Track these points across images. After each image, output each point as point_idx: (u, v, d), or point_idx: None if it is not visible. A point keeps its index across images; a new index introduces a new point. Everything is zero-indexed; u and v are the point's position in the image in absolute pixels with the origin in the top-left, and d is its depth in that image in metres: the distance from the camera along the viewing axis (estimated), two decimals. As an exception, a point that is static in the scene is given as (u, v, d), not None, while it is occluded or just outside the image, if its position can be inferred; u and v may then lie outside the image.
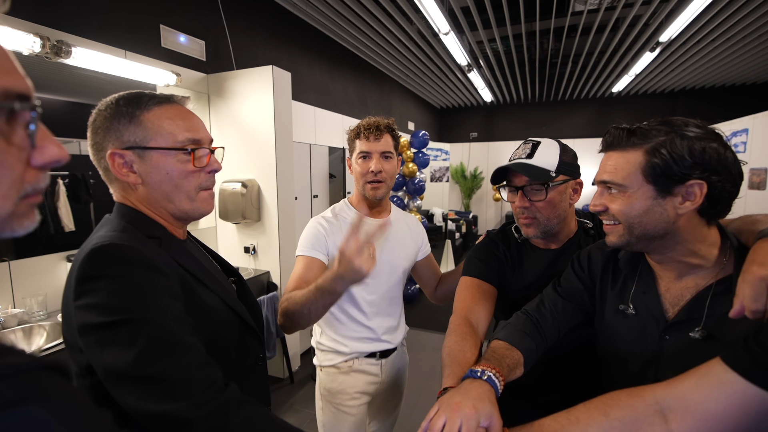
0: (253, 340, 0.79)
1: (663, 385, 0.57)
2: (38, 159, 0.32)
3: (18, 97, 0.30)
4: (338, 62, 4.64)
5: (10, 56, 0.31)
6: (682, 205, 0.65)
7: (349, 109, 4.89)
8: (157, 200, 0.69)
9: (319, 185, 3.56)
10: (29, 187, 0.32)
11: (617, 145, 0.70)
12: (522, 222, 0.99)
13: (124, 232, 0.63)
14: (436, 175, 7.92)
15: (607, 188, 0.71)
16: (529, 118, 8.50)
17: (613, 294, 0.82)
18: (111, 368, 0.54)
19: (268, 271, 2.74)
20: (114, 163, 0.66)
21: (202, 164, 0.70)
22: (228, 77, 2.64)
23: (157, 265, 0.60)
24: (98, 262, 0.57)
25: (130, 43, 2.22)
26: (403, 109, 6.99)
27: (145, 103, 0.67)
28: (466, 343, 0.83)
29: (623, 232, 0.70)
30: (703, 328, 0.66)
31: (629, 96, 7.73)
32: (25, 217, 0.33)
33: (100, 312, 0.54)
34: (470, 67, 5.07)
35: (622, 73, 6.03)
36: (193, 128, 0.69)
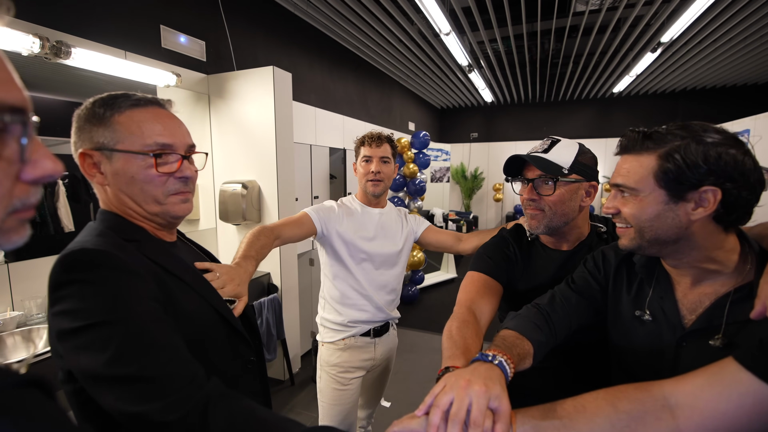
0: (240, 343, 0.78)
1: (673, 381, 0.57)
2: (30, 173, 0.31)
3: (11, 109, 0.29)
4: (339, 63, 4.63)
5: (7, 65, 0.30)
6: (695, 211, 0.64)
7: (350, 109, 4.88)
8: (126, 202, 0.69)
9: (320, 186, 3.55)
10: (18, 202, 0.31)
11: (632, 149, 0.70)
12: (527, 212, 1.00)
13: (100, 236, 0.63)
14: (437, 176, 7.91)
15: (620, 191, 0.71)
16: (530, 118, 8.49)
17: (629, 298, 0.80)
18: (88, 371, 0.54)
19: (268, 272, 2.72)
20: (83, 163, 0.67)
21: (170, 170, 0.68)
22: (228, 78, 2.63)
23: (130, 268, 0.59)
24: (68, 267, 0.57)
25: (130, 44, 2.20)
26: (403, 109, 6.98)
27: (118, 105, 0.67)
28: (467, 330, 0.82)
29: (634, 236, 0.70)
30: (723, 336, 0.65)
31: (630, 96, 7.71)
32: (13, 232, 0.32)
33: (74, 317, 0.54)
34: (471, 67, 5.06)
35: (623, 74, 6.02)
36: (165, 132, 0.68)
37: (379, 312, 1.49)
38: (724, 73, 6.05)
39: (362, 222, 1.47)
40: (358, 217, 1.48)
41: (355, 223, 1.46)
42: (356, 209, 1.50)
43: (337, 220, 1.42)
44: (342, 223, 1.43)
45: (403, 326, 3.81)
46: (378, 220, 1.50)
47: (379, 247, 1.47)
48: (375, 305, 1.48)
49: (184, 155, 0.70)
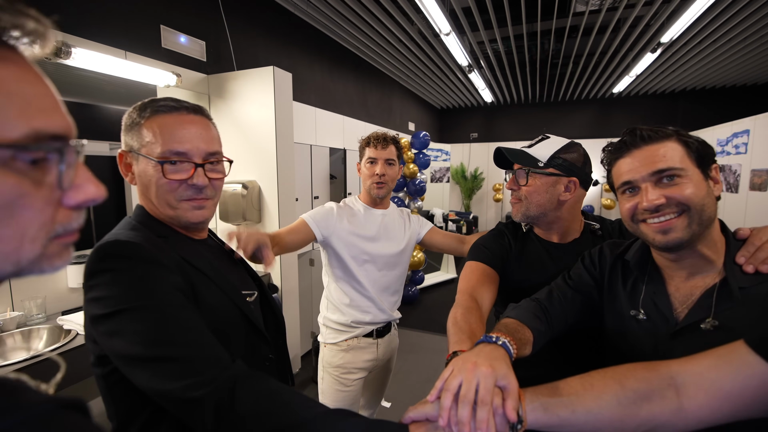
0: (260, 341, 0.81)
1: (680, 361, 0.58)
2: (72, 199, 0.31)
3: (52, 137, 0.29)
4: (339, 63, 4.63)
5: (52, 93, 0.30)
6: (715, 187, 0.69)
7: (350, 109, 4.87)
8: (147, 203, 0.74)
9: (320, 186, 3.55)
10: (60, 228, 0.31)
11: (654, 138, 0.70)
12: (511, 201, 1.08)
13: (133, 230, 0.68)
14: (437, 176, 7.90)
15: (660, 180, 0.68)
16: (530, 118, 8.49)
17: (625, 294, 0.82)
18: (122, 354, 0.58)
19: (268, 273, 2.72)
20: (120, 162, 0.74)
21: (181, 177, 0.71)
22: (229, 78, 2.63)
23: (160, 260, 0.64)
24: (102, 257, 0.61)
25: (131, 44, 2.20)
26: (403, 109, 6.98)
27: (147, 111, 0.71)
28: (471, 316, 0.84)
29: (689, 222, 0.67)
30: (713, 319, 0.67)
31: (630, 97, 7.72)
32: (56, 257, 0.32)
33: (106, 304, 0.58)
34: (471, 67, 5.06)
35: (623, 74, 6.03)
36: (181, 140, 0.70)
37: (382, 313, 1.49)
38: (723, 74, 6.05)
39: (364, 223, 1.46)
40: (361, 218, 1.46)
41: (357, 224, 1.45)
42: (359, 210, 1.49)
43: (337, 221, 1.41)
44: (342, 224, 1.41)
45: (403, 326, 3.81)
46: (381, 221, 1.49)
47: (382, 248, 1.46)
48: (378, 307, 1.47)
49: (199, 163, 0.72)
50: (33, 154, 0.28)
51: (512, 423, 0.56)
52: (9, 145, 0.27)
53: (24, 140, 0.28)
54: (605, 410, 0.57)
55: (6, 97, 0.27)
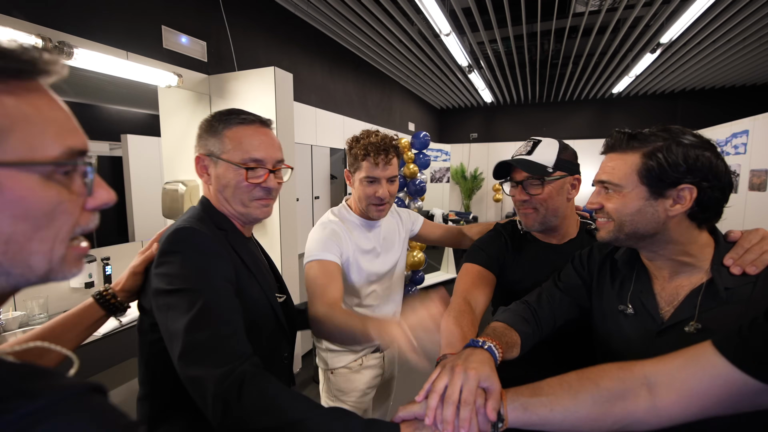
0: (283, 339, 0.90)
1: (653, 361, 0.61)
2: (92, 203, 0.38)
3: (80, 153, 0.36)
4: (339, 63, 4.64)
5: (71, 116, 0.37)
6: (673, 208, 0.69)
7: (350, 110, 4.88)
8: (221, 200, 0.84)
9: (321, 186, 3.56)
10: (79, 229, 0.37)
11: (617, 148, 0.74)
12: (522, 213, 1.04)
13: (200, 221, 0.78)
14: (437, 176, 7.91)
15: (605, 188, 0.75)
16: (530, 118, 8.50)
17: (613, 293, 0.85)
18: (169, 328, 0.67)
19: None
20: (198, 164, 0.85)
21: (257, 181, 0.82)
22: (229, 78, 2.63)
23: (221, 252, 0.75)
24: (177, 239, 0.72)
25: (132, 44, 2.21)
26: (403, 109, 6.99)
27: (230, 121, 0.82)
28: (463, 320, 0.87)
29: (613, 229, 0.75)
30: (696, 322, 0.70)
31: (629, 97, 7.73)
32: (73, 264, 0.37)
33: (171, 280, 0.69)
34: (471, 68, 5.07)
35: (623, 75, 6.04)
36: (259, 149, 0.82)
37: None
38: (723, 74, 6.06)
39: (364, 238, 1.28)
40: (359, 234, 1.27)
41: (357, 241, 1.25)
42: (355, 224, 1.27)
43: (345, 245, 1.21)
44: (348, 246, 1.22)
45: (403, 326, 3.81)
46: (380, 234, 1.33)
47: (384, 264, 1.31)
48: None
49: (271, 169, 0.84)
50: (68, 168, 0.35)
51: (493, 422, 0.60)
52: (52, 162, 0.33)
53: (62, 157, 0.34)
54: (581, 408, 0.60)
55: (45, 122, 0.34)
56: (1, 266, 0.32)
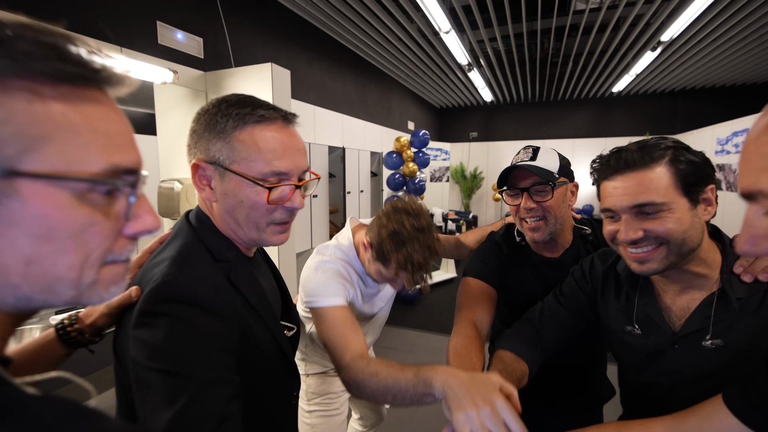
0: (290, 376, 0.75)
1: (671, 419, 0.59)
2: (132, 228, 0.34)
3: (126, 172, 0.32)
4: (338, 61, 4.60)
5: (130, 130, 0.34)
6: (706, 211, 0.65)
7: (349, 108, 4.85)
8: (229, 222, 0.65)
9: (319, 185, 3.52)
10: (111, 256, 0.33)
11: (637, 165, 0.64)
12: (529, 227, 0.97)
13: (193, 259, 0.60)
14: (436, 175, 7.88)
15: (641, 213, 0.65)
16: (529, 117, 8.47)
17: (619, 308, 0.81)
18: (148, 416, 0.53)
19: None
20: (195, 173, 0.63)
21: (281, 200, 0.63)
22: (226, 75, 2.59)
23: (222, 312, 0.57)
24: (163, 298, 0.55)
25: (126, 40, 2.17)
26: (402, 108, 6.95)
27: (242, 119, 0.61)
28: (472, 348, 0.84)
29: (666, 254, 0.65)
30: (715, 337, 0.67)
31: (629, 96, 7.70)
32: (111, 284, 0.33)
33: (152, 354, 0.53)
34: (471, 66, 5.04)
35: (623, 73, 6.01)
36: (283, 158, 0.62)
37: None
38: (723, 73, 6.04)
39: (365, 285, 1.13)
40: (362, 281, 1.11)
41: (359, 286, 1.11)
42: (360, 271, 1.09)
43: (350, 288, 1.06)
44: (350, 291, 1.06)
45: (403, 326, 3.78)
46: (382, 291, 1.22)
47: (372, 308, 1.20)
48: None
49: (297, 184, 0.64)
50: (108, 187, 0.31)
51: None
52: (88, 179, 0.29)
53: (102, 174, 0.30)
54: None
55: (92, 134, 0.30)
56: (20, 290, 0.28)
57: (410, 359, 3.18)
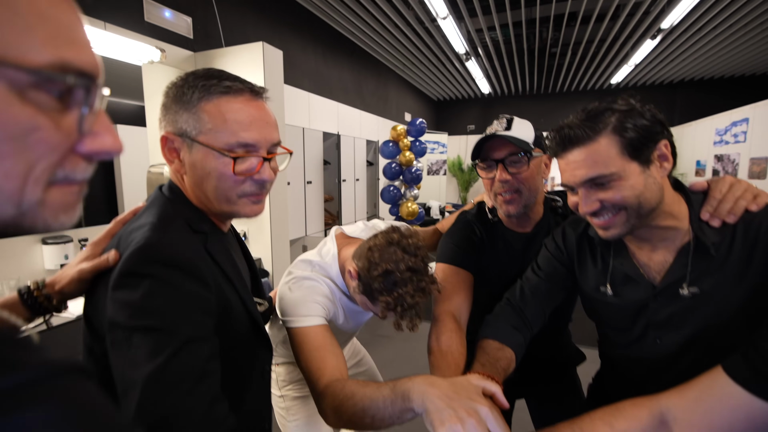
0: (263, 349, 0.74)
1: (668, 394, 0.57)
2: (86, 146, 0.29)
3: (78, 73, 0.27)
4: (333, 48, 4.53)
5: (81, 27, 0.29)
6: (662, 167, 0.67)
7: (345, 96, 4.78)
8: (199, 195, 0.66)
9: (313, 171, 3.46)
10: (61, 174, 0.29)
11: (583, 139, 0.66)
12: (503, 200, 0.94)
13: (173, 227, 0.61)
14: (434, 168, 7.83)
15: (596, 185, 0.67)
16: (527, 110, 8.41)
17: (596, 271, 0.82)
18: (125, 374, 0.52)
19: (259, 258, 2.64)
20: (164, 146, 0.64)
21: (248, 171, 0.63)
22: (216, 55, 2.53)
23: (203, 276, 0.58)
24: (145, 259, 0.55)
25: (111, 16, 2.10)
26: (399, 99, 6.89)
27: (208, 90, 0.61)
28: (452, 342, 0.84)
29: (626, 218, 0.67)
30: (690, 285, 0.68)
31: (628, 88, 7.67)
32: (61, 211, 0.30)
33: (133, 313, 0.52)
34: (468, 55, 4.97)
35: (622, 63, 5.97)
36: (250, 129, 0.62)
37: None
38: (722, 63, 6.00)
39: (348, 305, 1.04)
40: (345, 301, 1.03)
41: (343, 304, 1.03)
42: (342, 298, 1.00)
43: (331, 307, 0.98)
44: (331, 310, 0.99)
45: (398, 316, 3.75)
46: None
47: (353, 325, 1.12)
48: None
49: (265, 156, 0.65)
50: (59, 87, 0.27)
51: None
52: (31, 70, 0.25)
53: (48, 68, 0.26)
54: None
55: (37, 18, 0.25)
56: None
57: (406, 347, 3.14)
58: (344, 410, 0.70)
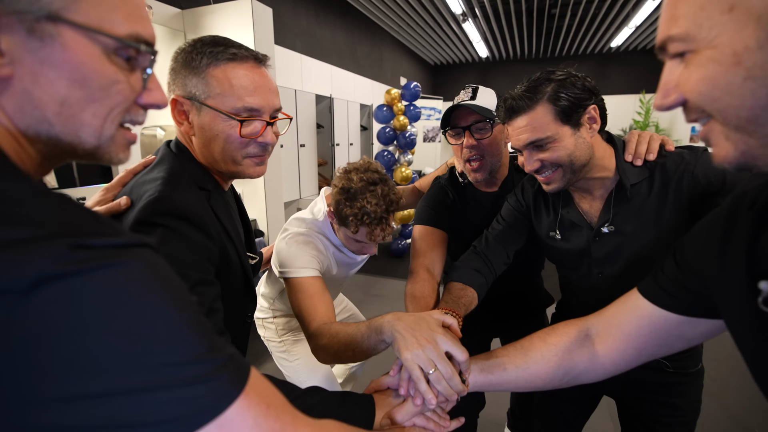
0: (249, 297, 0.82)
1: (593, 315, 0.68)
2: (145, 99, 0.39)
3: (146, 42, 0.37)
4: (325, 7, 4.39)
5: (145, 7, 0.38)
6: (591, 128, 0.78)
7: (338, 59, 4.68)
8: (206, 155, 0.71)
9: (306, 134, 3.47)
10: (129, 117, 0.39)
11: (524, 108, 0.77)
12: (470, 168, 1.04)
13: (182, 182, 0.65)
14: (429, 135, 7.78)
15: (536, 147, 0.79)
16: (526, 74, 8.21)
17: (548, 220, 0.94)
18: None
19: (254, 219, 2.71)
20: (174, 108, 0.69)
21: (253, 134, 0.69)
22: (204, 13, 2.47)
23: (208, 229, 0.63)
24: (159, 211, 0.59)
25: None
26: (395, 63, 6.74)
27: (216, 56, 0.66)
28: (425, 288, 0.95)
29: (563, 174, 0.79)
30: (611, 224, 0.82)
31: (628, 52, 7.51)
32: (121, 148, 0.39)
33: None
34: (465, 16, 4.84)
35: (623, 25, 5.83)
36: (255, 95, 0.67)
37: None
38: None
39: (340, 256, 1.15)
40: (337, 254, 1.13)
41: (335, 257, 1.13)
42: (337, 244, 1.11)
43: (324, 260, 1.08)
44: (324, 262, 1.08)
45: (392, 276, 3.87)
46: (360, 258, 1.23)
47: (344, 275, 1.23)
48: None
49: (268, 121, 0.71)
50: (131, 52, 0.36)
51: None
52: (116, 38, 0.34)
53: (126, 38, 0.35)
54: (532, 365, 0.67)
55: (120, 0, 0.35)
56: (53, 128, 0.33)
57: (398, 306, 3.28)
58: (330, 347, 0.83)
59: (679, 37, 0.35)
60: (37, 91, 0.31)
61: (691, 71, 0.35)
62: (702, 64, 0.34)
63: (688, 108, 0.37)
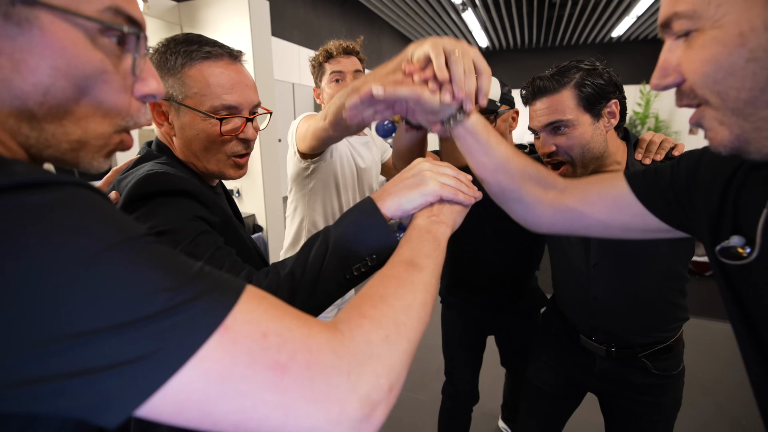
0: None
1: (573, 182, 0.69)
2: (140, 89, 0.35)
3: (131, 21, 0.33)
4: (323, -3, 4.33)
5: None
6: (609, 122, 0.80)
7: (336, 50, 4.64)
8: (188, 155, 0.70)
9: (305, 129, 3.45)
10: (131, 120, 0.35)
11: (550, 90, 0.79)
12: None
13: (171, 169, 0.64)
14: (428, 125, 7.74)
15: (554, 129, 0.80)
16: (526, 65, 8.19)
17: None
18: None
19: (253, 214, 2.71)
20: (154, 109, 0.68)
21: (233, 131, 0.68)
22: (201, 5, 2.44)
23: (206, 201, 0.62)
24: (152, 183, 0.58)
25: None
26: (394, 53, 6.50)
27: (190, 55, 0.65)
28: None
29: (572, 172, 0.81)
30: None
31: (629, 41, 7.43)
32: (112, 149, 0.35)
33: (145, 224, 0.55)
34: (465, 5, 4.77)
35: (624, 14, 5.76)
36: (233, 92, 0.67)
37: None
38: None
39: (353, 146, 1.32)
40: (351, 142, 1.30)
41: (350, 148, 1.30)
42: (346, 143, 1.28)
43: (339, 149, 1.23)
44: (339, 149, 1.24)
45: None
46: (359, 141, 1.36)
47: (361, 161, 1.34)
48: None
49: (248, 117, 0.70)
50: (116, 33, 0.32)
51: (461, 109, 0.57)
52: (94, 18, 0.31)
53: (104, 15, 0.31)
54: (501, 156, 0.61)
55: None
56: (35, 119, 0.31)
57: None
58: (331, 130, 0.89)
59: (685, 13, 0.34)
60: (17, 80, 0.29)
61: (696, 51, 0.35)
62: (706, 44, 0.34)
63: (682, 90, 0.37)
